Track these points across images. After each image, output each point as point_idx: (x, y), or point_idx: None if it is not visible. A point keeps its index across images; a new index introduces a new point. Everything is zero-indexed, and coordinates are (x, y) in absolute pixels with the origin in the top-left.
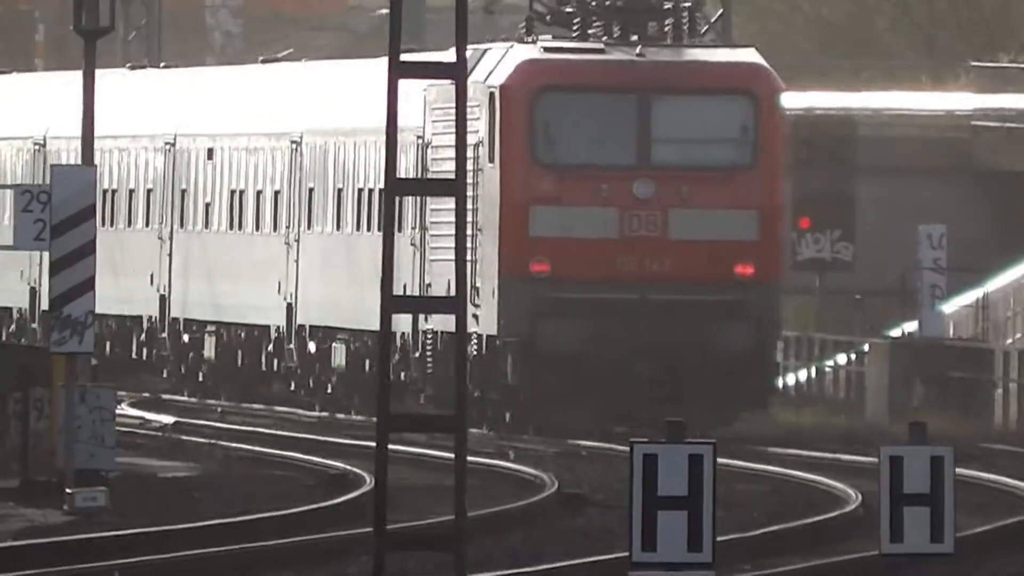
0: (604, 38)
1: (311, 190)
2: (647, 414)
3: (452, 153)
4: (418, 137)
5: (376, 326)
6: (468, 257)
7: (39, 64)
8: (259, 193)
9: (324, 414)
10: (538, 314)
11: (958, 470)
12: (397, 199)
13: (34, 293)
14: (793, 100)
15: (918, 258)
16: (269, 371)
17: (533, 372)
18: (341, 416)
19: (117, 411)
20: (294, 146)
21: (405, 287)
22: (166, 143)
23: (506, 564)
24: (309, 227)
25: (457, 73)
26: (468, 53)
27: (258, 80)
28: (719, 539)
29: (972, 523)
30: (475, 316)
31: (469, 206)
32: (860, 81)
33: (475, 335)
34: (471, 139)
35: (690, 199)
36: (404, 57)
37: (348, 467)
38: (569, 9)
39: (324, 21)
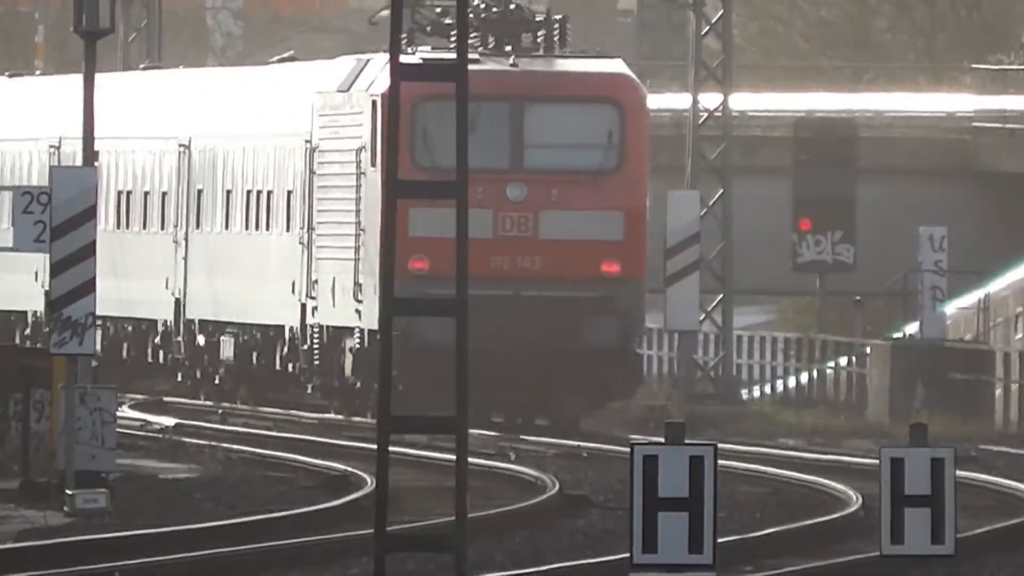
0: (480, 49)
1: (200, 191)
2: (519, 402)
3: (338, 157)
4: (306, 142)
5: (263, 319)
6: (351, 256)
7: (39, 65)
8: (147, 194)
9: (209, 402)
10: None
11: (959, 472)
12: (287, 200)
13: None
14: (794, 101)
15: (919, 260)
16: (156, 363)
17: (412, 363)
18: (226, 405)
19: (118, 413)
20: (182, 149)
21: (294, 283)
22: (51, 146)
23: (507, 565)
24: (198, 226)
25: (458, 74)
26: (351, 64)
27: (145, 86)
28: (720, 540)
29: (973, 525)
30: (358, 311)
31: (352, 207)
32: (861, 83)
33: (358, 329)
34: (354, 144)
35: (560, 201)
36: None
37: (349, 468)
38: (448, 21)
39: (325, 23)
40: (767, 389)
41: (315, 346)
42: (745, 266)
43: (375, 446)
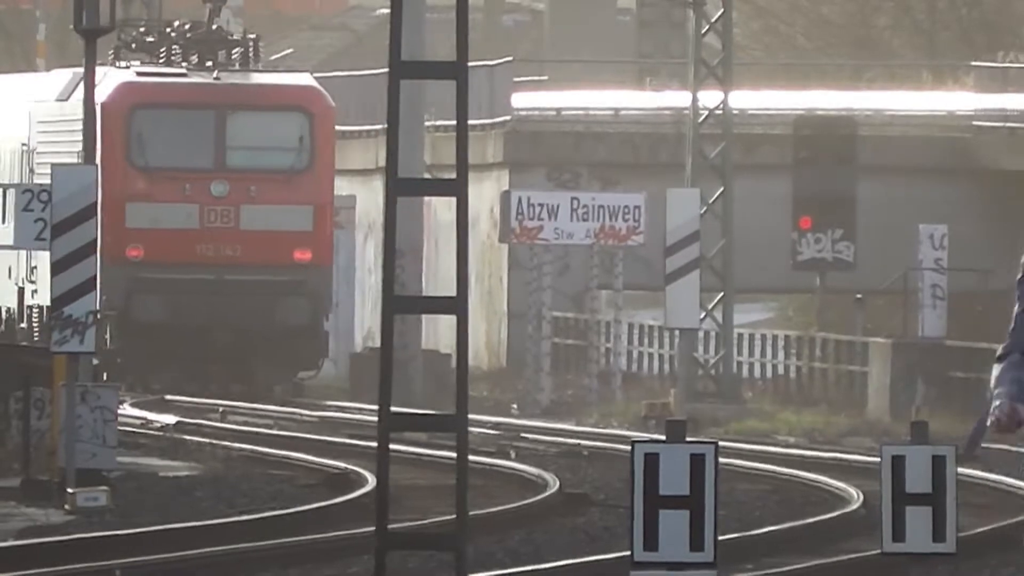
0: (185, 64)
1: None
2: (222, 373)
3: (58, 159)
4: (23, 145)
5: None
6: None
7: (40, 64)
8: None
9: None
10: (133, 291)
11: (960, 470)
12: (2, 196)
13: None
14: (794, 99)
15: (919, 258)
16: None
17: (129, 339)
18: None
19: (118, 411)
20: None
21: (10, 269)
22: None
23: (508, 563)
24: None
25: (458, 72)
26: (69, 76)
27: None
28: (721, 538)
29: (974, 523)
30: None
31: None
32: (862, 81)
33: None
34: (75, 148)
35: (258, 197)
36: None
37: (349, 466)
38: (151, 39)
39: (325, 21)
40: (768, 387)
41: (34, 326)
42: (745, 264)
43: (375, 444)
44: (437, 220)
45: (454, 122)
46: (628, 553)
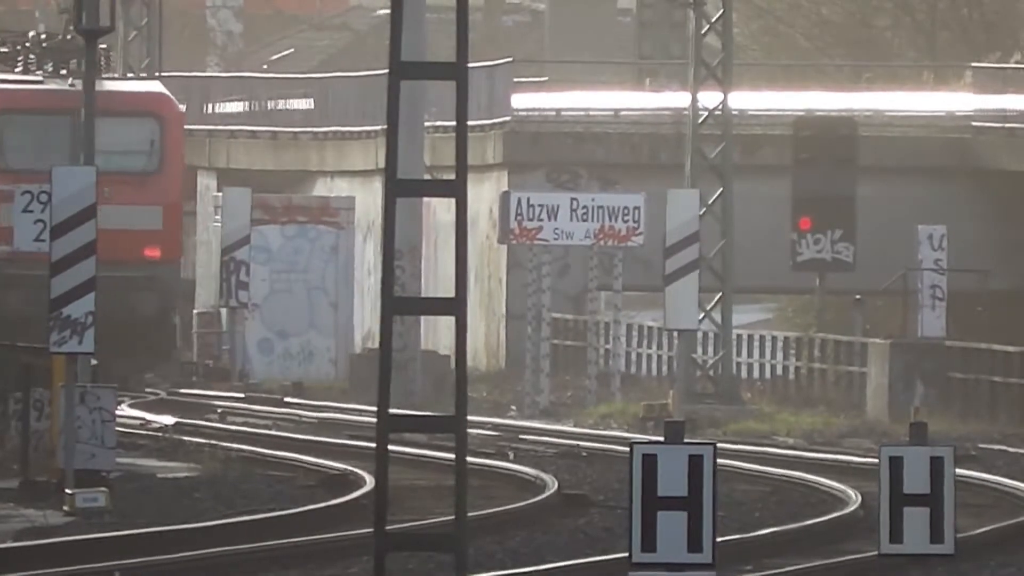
0: (40, 72)
1: None
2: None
3: None
4: None
5: None
6: None
7: None
8: None
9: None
10: (4, 286)
11: (958, 470)
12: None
13: None
14: (793, 100)
15: (919, 258)
16: None
17: None
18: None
19: (117, 412)
20: None
21: None
22: None
23: (507, 564)
24: None
25: (458, 73)
26: None
27: None
28: (719, 540)
29: (972, 524)
30: None
31: None
32: (861, 81)
33: None
34: None
35: (111, 197)
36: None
37: (348, 467)
38: (4, 49)
39: (325, 20)
40: (766, 388)
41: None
42: (745, 265)
43: (374, 445)
44: (436, 221)
45: (454, 123)
46: (627, 554)
